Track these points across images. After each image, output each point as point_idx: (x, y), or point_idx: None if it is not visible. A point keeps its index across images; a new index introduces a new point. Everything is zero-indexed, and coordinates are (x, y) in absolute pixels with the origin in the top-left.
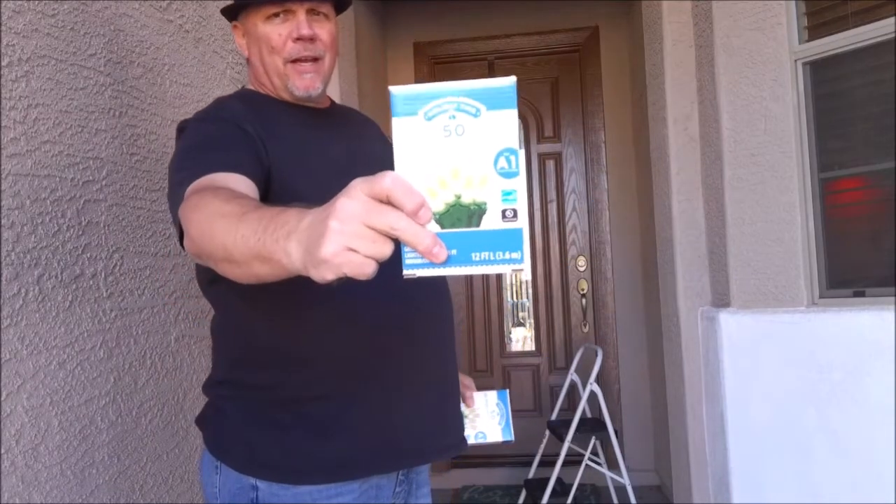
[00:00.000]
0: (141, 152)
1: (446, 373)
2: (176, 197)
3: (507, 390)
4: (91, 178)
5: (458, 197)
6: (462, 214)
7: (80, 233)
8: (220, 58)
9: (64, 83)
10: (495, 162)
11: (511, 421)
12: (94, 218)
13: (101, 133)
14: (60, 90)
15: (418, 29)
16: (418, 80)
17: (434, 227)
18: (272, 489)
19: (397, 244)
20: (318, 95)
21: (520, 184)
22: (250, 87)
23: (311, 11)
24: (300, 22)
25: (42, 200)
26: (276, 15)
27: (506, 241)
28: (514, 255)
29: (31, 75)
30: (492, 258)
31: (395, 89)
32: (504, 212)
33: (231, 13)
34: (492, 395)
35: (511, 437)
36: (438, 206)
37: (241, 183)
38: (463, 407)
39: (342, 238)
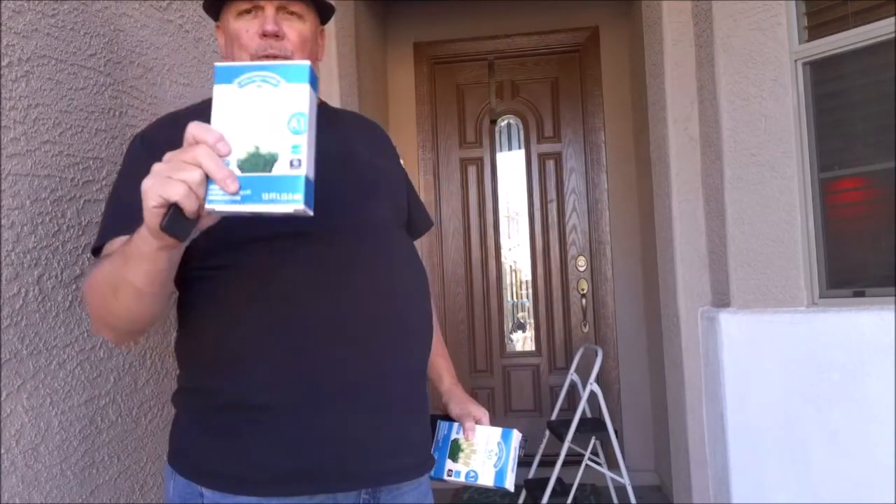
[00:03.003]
0: None
1: (411, 390)
2: (103, 224)
3: (515, 432)
4: (91, 178)
5: (257, 147)
6: (258, 161)
7: (80, 233)
8: (220, 58)
9: (64, 83)
10: (288, 122)
11: (512, 466)
12: (94, 218)
13: (101, 133)
14: (60, 90)
15: (418, 29)
16: (418, 81)
17: (236, 171)
18: (215, 497)
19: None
20: None
21: (305, 140)
22: None
23: (281, 9)
24: (267, 18)
25: (42, 200)
26: (248, 11)
27: (290, 185)
28: (296, 197)
29: (31, 75)
30: (278, 198)
31: (218, 64)
32: (291, 161)
33: (214, 12)
34: (494, 433)
35: (504, 485)
36: (241, 153)
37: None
38: (462, 440)
39: (161, 172)
